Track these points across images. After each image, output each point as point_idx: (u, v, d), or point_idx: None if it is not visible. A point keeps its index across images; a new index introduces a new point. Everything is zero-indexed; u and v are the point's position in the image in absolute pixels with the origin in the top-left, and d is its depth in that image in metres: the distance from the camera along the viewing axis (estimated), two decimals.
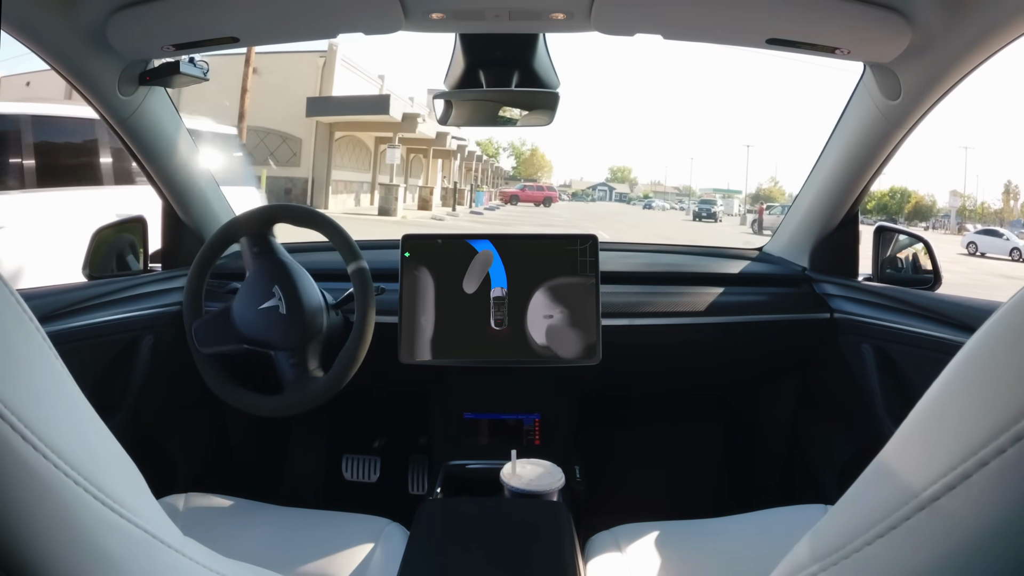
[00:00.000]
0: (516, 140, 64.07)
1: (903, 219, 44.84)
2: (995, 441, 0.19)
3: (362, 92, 16.08)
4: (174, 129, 1.15)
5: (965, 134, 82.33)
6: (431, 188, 18.63)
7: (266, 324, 0.97)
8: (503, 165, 52.90)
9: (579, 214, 24.83)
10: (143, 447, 1.16)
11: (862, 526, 0.24)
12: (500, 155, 58.45)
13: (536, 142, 64.13)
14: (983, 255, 18.54)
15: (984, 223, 37.12)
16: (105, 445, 0.30)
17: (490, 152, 50.93)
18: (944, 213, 44.71)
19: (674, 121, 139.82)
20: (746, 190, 54.54)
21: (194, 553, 0.33)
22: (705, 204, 30.91)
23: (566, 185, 72.23)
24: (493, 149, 55.66)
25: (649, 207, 46.59)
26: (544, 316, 1.10)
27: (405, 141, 16.88)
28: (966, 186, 46.27)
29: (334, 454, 1.49)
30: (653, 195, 65.52)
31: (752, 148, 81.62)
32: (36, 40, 0.87)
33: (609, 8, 0.85)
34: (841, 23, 0.85)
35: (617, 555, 0.83)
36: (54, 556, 0.24)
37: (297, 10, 0.89)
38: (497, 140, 58.43)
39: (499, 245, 1.12)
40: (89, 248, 1.16)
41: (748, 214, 29.00)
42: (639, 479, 1.56)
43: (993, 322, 0.22)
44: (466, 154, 23.82)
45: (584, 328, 1.09)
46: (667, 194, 69.22)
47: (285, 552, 0.83)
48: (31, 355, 0.26)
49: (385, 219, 13.54)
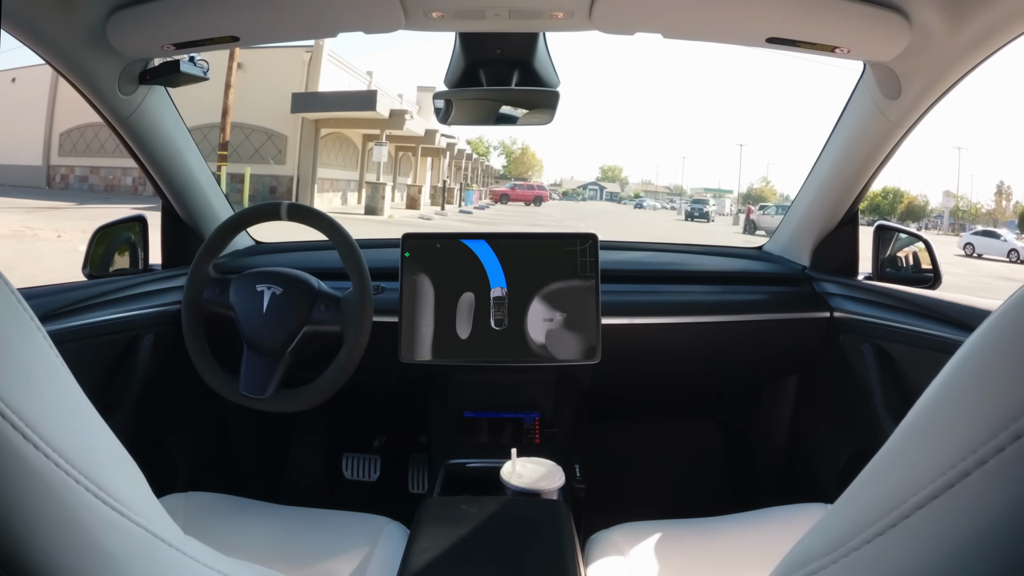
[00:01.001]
0: (507, 139, 63.66)
1: (896, 219, 44.55)
2: (994, 439, 0.19)
3: (350, 88, 15.83)
4: (174, 128, 1.15)
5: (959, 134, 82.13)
6: (419, 187, 18.35)
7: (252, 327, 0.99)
8: (494, 164, 52.49)
9: (569, 213, 24.57)
10: (143, 446, 1.16)
11: (862, 524, 0.24)
12: (491, 154, 58.11)
13: (527, 141, 63.78)
14: (980, 256, 18.42)
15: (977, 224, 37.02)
16: (105, 444, 0.30)
17: (480, 151, 50.56)
18: (937, 213, 44.45)
19: (666, 120, 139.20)
20: (739, 190, 54.36)
21: (195, 552, 0.33)
22: (698, 204, 30.30)
23: (556, 184, 71.81)
24: (484, 148, 55.31)
25: (640, 207, 45.83)
26: (544, 316, 1.10)
27: (393, 139, 16.64)
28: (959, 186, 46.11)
29: (334, 453, 1.50)
30: (644, 194, 65.08)
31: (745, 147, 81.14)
32: (36, 39, 0.87)
33: (609, 7, 0.85)
34: (841, 22, 0.85)
35: (617, 554, 0.83)
36: (55, 555, 0.24)
37: (297, 9, 0.89)
38: (487, 139, 58.07)
39: (499, 245, 1.12)
40: (89, 247, 1.16)
41: (741, 214, 28.38)
42: (639, 478, 1.56)
43: (992, 321, 0.22)
44: (456, 152, 23.40)
45: (584, 328, 1.09)
46: (658, 193, 68.84)
47: (286, 551, 0.83)
48: (31, 354, 0.26)
49: (371, 218, 13.38)
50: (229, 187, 13.32)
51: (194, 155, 1.21)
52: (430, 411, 1.23)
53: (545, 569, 0.72)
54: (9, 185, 15.38)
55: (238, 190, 13.36)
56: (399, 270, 1.11)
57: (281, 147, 15.00)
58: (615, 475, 1.53)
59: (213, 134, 13.27)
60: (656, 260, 1.40)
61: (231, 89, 12.51)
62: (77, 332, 0.97)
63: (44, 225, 8.31)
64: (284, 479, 1.53)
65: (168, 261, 1.26)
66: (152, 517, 0.30)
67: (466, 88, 1.06)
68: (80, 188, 16.37)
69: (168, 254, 1.26)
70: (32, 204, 11.52)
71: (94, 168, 16.27)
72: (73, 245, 6.22)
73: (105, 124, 1.07)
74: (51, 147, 16.77)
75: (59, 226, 8.09)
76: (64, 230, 7.80)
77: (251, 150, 14.90)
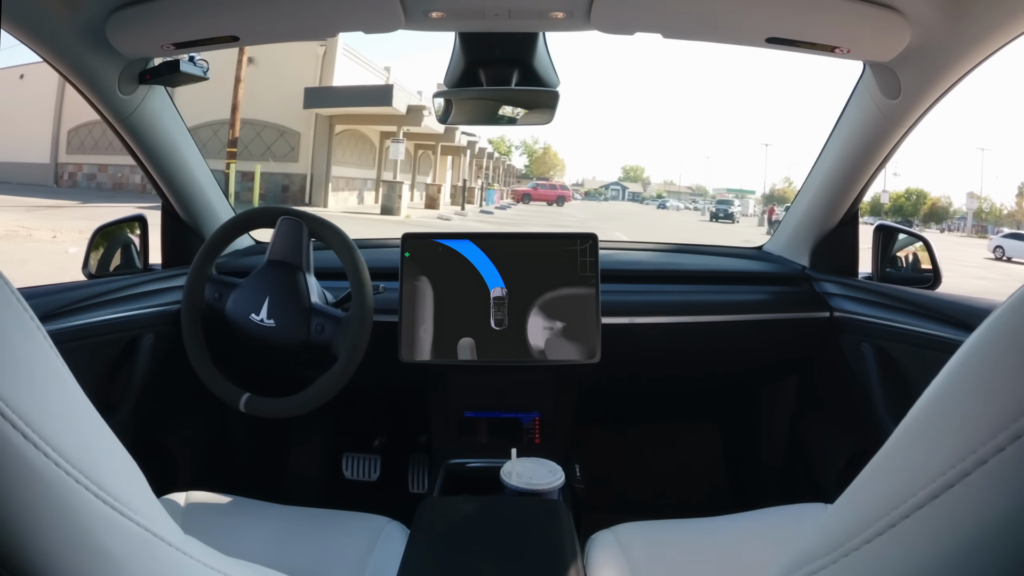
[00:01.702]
0: (528, 138, 63.63)
1: (918, 221, 44.37)
2: (994, 439, 0.19)
3: (365, 84, 14.99)
4: (174, 128, 1.15)
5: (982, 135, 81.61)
6: (439, 186, 17.60)
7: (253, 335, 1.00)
8: (515, 163, 52.34)
9: (592, 213, 23.98)
10: (143, 446, 1.16)
11: (862, 524, 0.24)
12: (512, 153, 57.99)
13: (548, 140, 63.84)
14: (1010, 260, 17.88)
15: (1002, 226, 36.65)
16: (106, 443, 0.30)
17: (502, 150, 50.18)
18: (960, 215, 44.09)
19: (689, 120, 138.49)
20: (764, 190, 54.13)
21: (195, 551, 0.33)
22: (723, 204, 29.91)
23: (578, 184, 71.69)
24: (505, 147, 55.13)
25: (663, 207, 45.49)
26: (544, 316, 1.10)
27: (411, 136, 16.04)
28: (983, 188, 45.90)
29: (334, 453, 1.50)
30: (666, 195, 64.87)
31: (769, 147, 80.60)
32: (36, 39, 0.87)
33: (608, 7, 0.85)
34: (841, 22, 0.85)
35: (617, 554, 0.83)
36: (55, 554, 0.24)
37: (297, 9, 0.89)
38: (509, 138, 57.90)
39: (499, 245, 1.12)
40: (89, 247, 1.16)
41: (765, 214, 27.73)
42: (639, 478, 1.56)
43: (992, 321, 0.22)
44: (476, 151, 22.78)
45: (584, 327, 1.09)
46: (680, 194, 68.62)
47: (285, 550, 0.83)
48: (31, 354, 0.26)
49: (387, 219, 12.79)
50: (240, 185, 12.89)
51: (194, 155, 1.21)
52: (430, 411, 1.23)
53: (545, 569, 0.72)
54: (16, 183, 15.16)
55: (248, 188, 12.93)
56: (399, 270, 1.11)
57: (294, 144, 14.33)
58: (615, 475, 1.53)
59: (223, 130, 12.77)
60: (656, 260, 1.40)
61: (241, 84, 12.01)
62: (77, 332, 0.97)
63: (41, 225, 8.13)
64: (284, 479, 1.53)
65: (168, 261, 1.26)
66: (152, 517, 0.30)
67: (466, 88, 1.06)
68: (88, 186, 16.00)
69: (168, 254, 1.26)
70: (35, 203, 11.31)
71: (102, 166, 15.98)
72: (66, 247, 6.10)
73: (106, 123, 1.07)
74: (59, 144, 16.40)
75: (56, 226, 7.91)
76: (61, 230, 7.61)
77: (263, 147, 14.26)
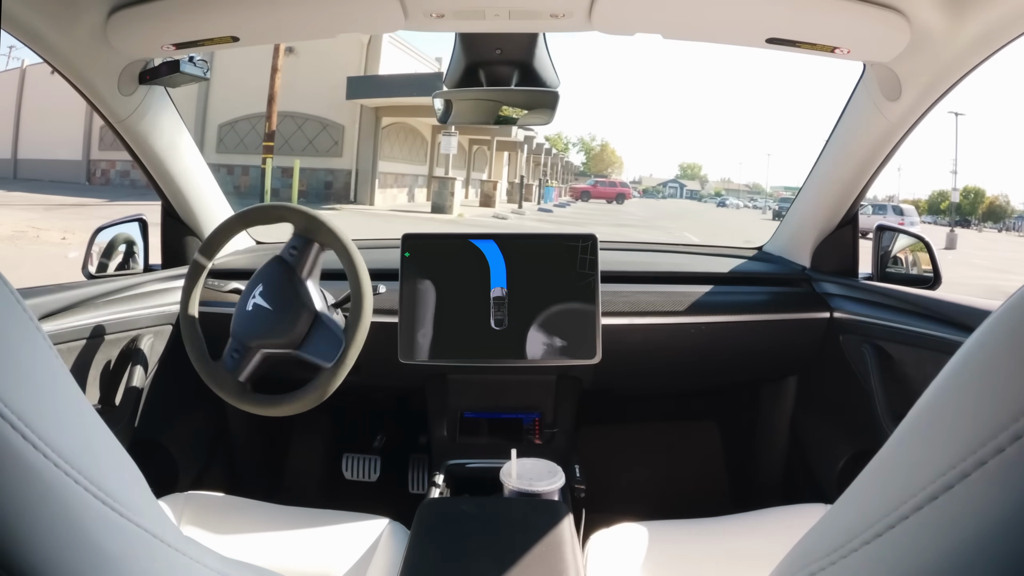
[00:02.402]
0: (586, 135, 62.87)
1: (976, 220, 43.73)
2: (994, 440, 0.19)
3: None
4: (174, 129, 1.15)
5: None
6: (495, 183, 16.73)
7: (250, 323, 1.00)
8: (572, 160, 51.39)
9: (654, 212, 22.74)
10: (143, 446, 1.16)
11: (861, 525, 0.24)
12: (569, 150, 57.16)
13: (606, 137, 63.28)
14: None
15: None
16: (105, 444, 0.30)
17: (559, 146, 49.22)
18: (1018, 214, 43.19)
19: (748, 117, 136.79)
20: None
21: (194, 552, 0.33)
22: (785, 203, 29.17)
23: (636, 181, 70.86)
24: (563, 143, 54.28)
25: (723, 205, 44.01)
26: (544, 316, 1.10)
27: (465, 130, 15.00)
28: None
29: (334, 453, 1.50)
30: (725, 192, 64.03)
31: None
32: (36, 40, 0.87)
33: (609, 7, 0.85)
34: (841, 22, 0.85)
35: (617, 554, 0.83)
36: (54, 555, 0.24)
37: (297, 9, 0.89)
38: (566, 135, 57.14)
39: (499, 245, 1.12)
40: (89, 247, 1.16)
41: None
42: (639, 478, 1.56)
43: (992, 322, 0.22)
44: (534, 147, 21.59)
45: (584, 327, 1.09)
46: (738, 191, 67.56)
47: (285, 551, 0.83)
48: (30, 353, 0.26)
49: (438, 217, 11.81)
50: (279, 182, 12.10)
51: (194, 155, 1.21)
52: (430, 411, 1.23)
53: (545, 569, 0.72)
54: (48, 180, 14.77)
55: (288, 185, 12.12)
56: (399, 270, 1.11)
57: (337, 138, 13.45)
58: (615, 475, 1.53)
59: (262, 124, 11.98)
60: (656, 260, 1.40)
61: (278, 73, 11.16)
62: (77, 332, 0.97)
63: (54, 225, 7.88)
64: (284, 479, 1.53)
65: (168, 261, 1.26)
66: (152, 517, 0.30)
67: (466, 88, 1.06)
68: (121, 183, 15.40)
69: (168, 254, 1.26)
70: (60, 200, 10.87)
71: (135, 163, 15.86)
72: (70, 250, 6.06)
73: (105, 123, 1.07)
74: (91, 141, 15.91)
75: (70, 226, 7.57)
76: (73, 231, 7.32)
77: (304, 141, 13.43)
